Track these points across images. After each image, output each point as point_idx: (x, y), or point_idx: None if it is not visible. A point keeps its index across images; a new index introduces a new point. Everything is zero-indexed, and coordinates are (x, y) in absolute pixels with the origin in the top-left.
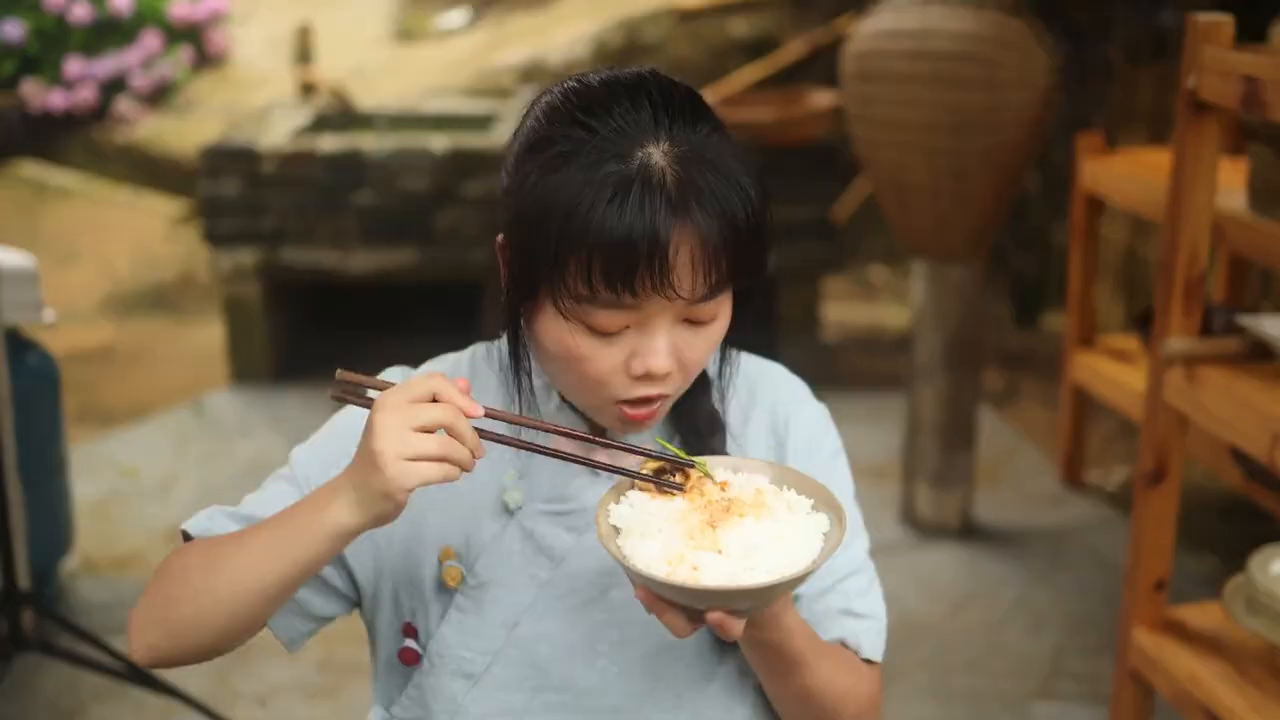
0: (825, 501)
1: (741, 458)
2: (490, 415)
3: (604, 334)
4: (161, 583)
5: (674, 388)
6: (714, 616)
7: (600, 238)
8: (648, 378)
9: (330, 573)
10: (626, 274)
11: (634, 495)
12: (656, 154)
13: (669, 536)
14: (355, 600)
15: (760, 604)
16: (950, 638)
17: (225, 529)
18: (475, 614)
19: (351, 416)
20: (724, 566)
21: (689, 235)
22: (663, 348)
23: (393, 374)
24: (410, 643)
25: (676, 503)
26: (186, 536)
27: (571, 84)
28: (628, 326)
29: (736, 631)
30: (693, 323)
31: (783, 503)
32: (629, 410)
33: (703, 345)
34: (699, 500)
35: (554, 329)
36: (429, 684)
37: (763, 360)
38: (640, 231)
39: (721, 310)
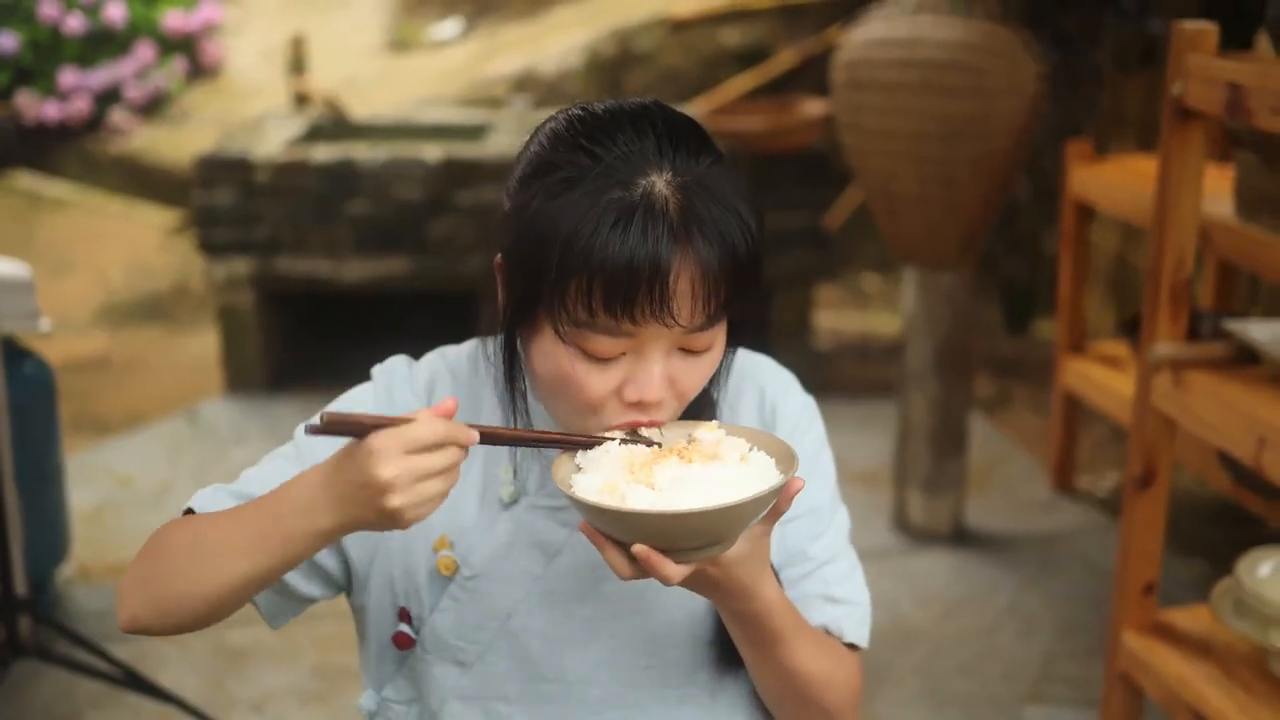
0: (790, 464)
1: (732, 425)
2: (484, 436)
3: (600, 360)
4: (150, 558)
5: (666, 416)
6: (639, 549)
7: (602, 263)
8: (640, 405)
9: (323, 556)
10: (627, 300)
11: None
12: (660, 182)
13: (612, 472)
14: (342, 585)
15: (685, 542)
16: (942, 642)
17: (225, 508)
18: (469, 603)
19: (354, 396)
20: (649, 498)
21: (690, 263)
22: (657, 376)
23: (396, 363)
24: (404, 627)
25: (637, 448)
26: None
27: (576, 111)
28: (623, 353)
29: (669, 574)
30: (688, 352)
31: (737, 455)
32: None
33: (697, 375)
34: (660, 449)
35: (550, 353)
36: (422, 670)
37: (751, 353)
38: (643, 258)
39: (717, 340)
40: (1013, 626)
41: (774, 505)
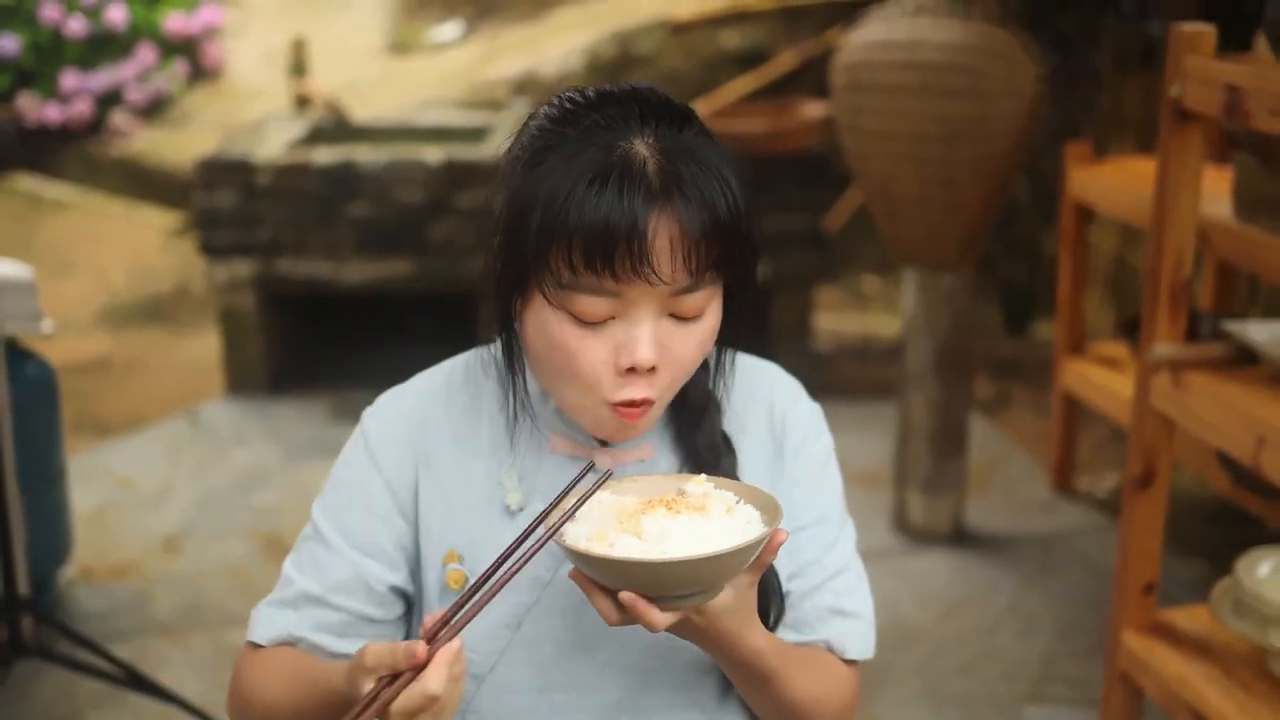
0: (775, 517)
1: (720, 479)
2: (443, 629)
3: (590, 324)
4: (248, 701)
5: (662, 387)
6: (625, 597)
7: (579, 220)
8: (634, 372)
9: (392, 604)
10: (605, 256)
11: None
12: (640, 145)
13: (602, 522)
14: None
15: (670, 590)
16: (942, 642)
17: (286, 627)
18: (480, 614)
19: (353, 456)
20: (638, 547)
21: (668, 220)
22: (646, 338)
23: (382, 403)
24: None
25: (627, 498)
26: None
27: (568, 94)
28: (613, 317)
29: (655, 621)
30: (679, 318)
31: (723, 508)
32: (621, 410)
33: (690, 342)
34: (651, 499)
35: (542, 320)
36: None
37: (759, 360)
38: (619, 214)
39: (709, 308)
40: (1013, 626)
41: (758, 557)
